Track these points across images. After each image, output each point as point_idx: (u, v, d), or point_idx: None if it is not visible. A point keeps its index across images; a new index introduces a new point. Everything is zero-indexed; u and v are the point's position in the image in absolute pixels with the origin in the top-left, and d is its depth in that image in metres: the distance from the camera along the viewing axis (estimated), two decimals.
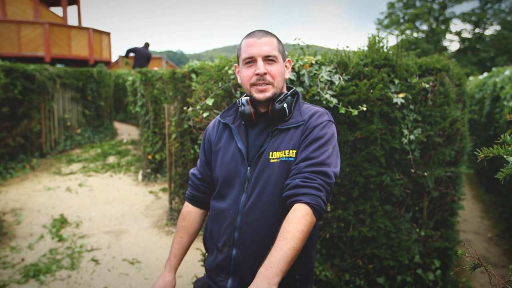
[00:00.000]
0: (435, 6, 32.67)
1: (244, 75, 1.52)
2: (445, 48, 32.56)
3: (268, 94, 1.48)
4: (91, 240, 4.45)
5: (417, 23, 32.86)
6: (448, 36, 33.36)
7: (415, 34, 32.94)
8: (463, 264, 3.74)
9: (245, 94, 1.64)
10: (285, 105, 1.49)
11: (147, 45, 11.04)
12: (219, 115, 1.67)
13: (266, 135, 1.52)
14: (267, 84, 1.48)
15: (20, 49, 13.29)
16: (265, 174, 1.44)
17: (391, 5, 35.02)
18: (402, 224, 2.82)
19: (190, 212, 1.72)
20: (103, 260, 3.98)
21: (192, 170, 1.75)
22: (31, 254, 4.08)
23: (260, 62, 1.47)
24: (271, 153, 1.45)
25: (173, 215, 5.03)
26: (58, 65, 14.24)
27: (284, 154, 1.44)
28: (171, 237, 4.58)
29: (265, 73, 1.46)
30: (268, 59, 1.48)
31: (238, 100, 1.59)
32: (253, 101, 1.53)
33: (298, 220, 1.26)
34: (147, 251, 4.20)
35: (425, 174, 2.69)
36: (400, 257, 2.79)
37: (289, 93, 1.54)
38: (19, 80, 7.06)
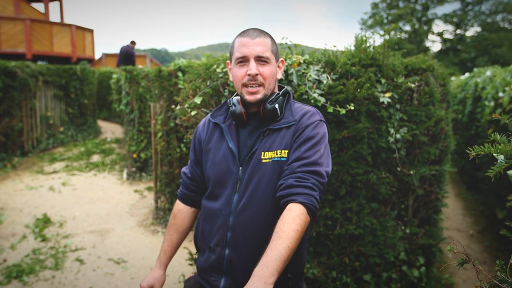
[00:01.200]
0: (418, 7, 33.16)
1: (236, 74, 1.50)
2: (427, 49, 33.08)
3: (259, 96, 1.48)
4: (75, 240, 4.39)
5: (400, 24, 33.30)
6: (430, 36, 33.90)
7: (398, 35, 33.35)
8: (446, 261, 3.81)
9: (235, 94, 1.64)
10: (276, 105, 1.49)
11: (132, 43, 10.91)
12: (209, 115, 1.65)
13: (257, 134, 1.51)
14: (258, 85, 1.47)
15: (0, 45, 13.00)
16: (257, 174, 1.44)
17: (375, 6, 35.42)
18: (387, 222, 2.86)
19: (181, 210, 1.73)
20: (88, 260, 3.93)
21: (183, 169, 1.76)
22: (13, 255, 4.00)
23: (252, 62, 1.46)
24: (263, 153, 1.45)
25: (159, 214, 5.00)
26: (40, 62, 13.98)
27: (276, 154, 1.44)
28: (157, 236, 4.55)
29: (257, 74, 1.46)
30: (260, 59, 1.46)
31: (229, 100, 1.59)
32: (244, 101, 1.53)
33: (293, 219, 1.27)
34: (132, 251, 4.16)
35: (411, 172, 2.73)
36: (385, 254, 2.83)
37: (280, 93, 1.54)
38: (0, 77, 6.91)
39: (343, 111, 2.41)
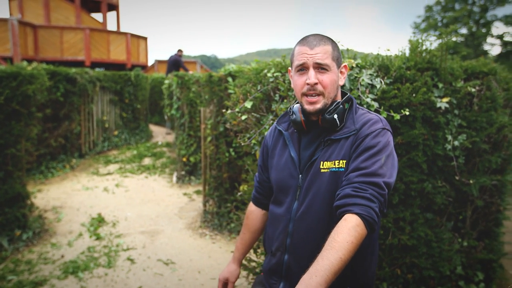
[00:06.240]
0: (476, 9, 31.58)
1: (296, 83, 1.49)
2: (485, 52, 31.38)
3: (318, 106, 1.44)
4: (127, 240, 4.54)
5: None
6: (489, 39, 32.13)
7: (454, 38, 31.97)
8: (508, 278, 3.56)
9: (296, 101, 1.63)
10: (335, 116, 1.44)
11: (179, 51, 11.62)
12: (275, 121, 1.69)
13: (317, 143, 1.49)
14: (318, 94, 1.44)
15: (62, 53, 13.83)
16: (316, 184, 1.43)
17: (429, 8, 34.13)
18: (443, 233, 2.72)
19: (252, 211, 1.81)
20: (139, 260, 4.05)
21: (256, 173, 1.83)
22: (70, 251, 4.20)
23: (311, 71, 1.43)
24: (322, 162, 1.43)
25: (207, 217, 5.07)
26: (97, 69, 14.73)
27: (334, 164, 1.41)
28: (205, 239, 4.61)
29: (316, 83, 1.42)
30: (320, 67, 1.43)
31: (290, 108, 1.59)
32: (303, 110, 1.51)
33: (348, 230, 1.22)
34: (181, 252, 4.24)
35: (470, 182, 2.58)
36: (441, 268, 2.69)
37: (340, 101, 1.48)
38: (62, 83, 7.33)
39: (397, 117, 2.33)
